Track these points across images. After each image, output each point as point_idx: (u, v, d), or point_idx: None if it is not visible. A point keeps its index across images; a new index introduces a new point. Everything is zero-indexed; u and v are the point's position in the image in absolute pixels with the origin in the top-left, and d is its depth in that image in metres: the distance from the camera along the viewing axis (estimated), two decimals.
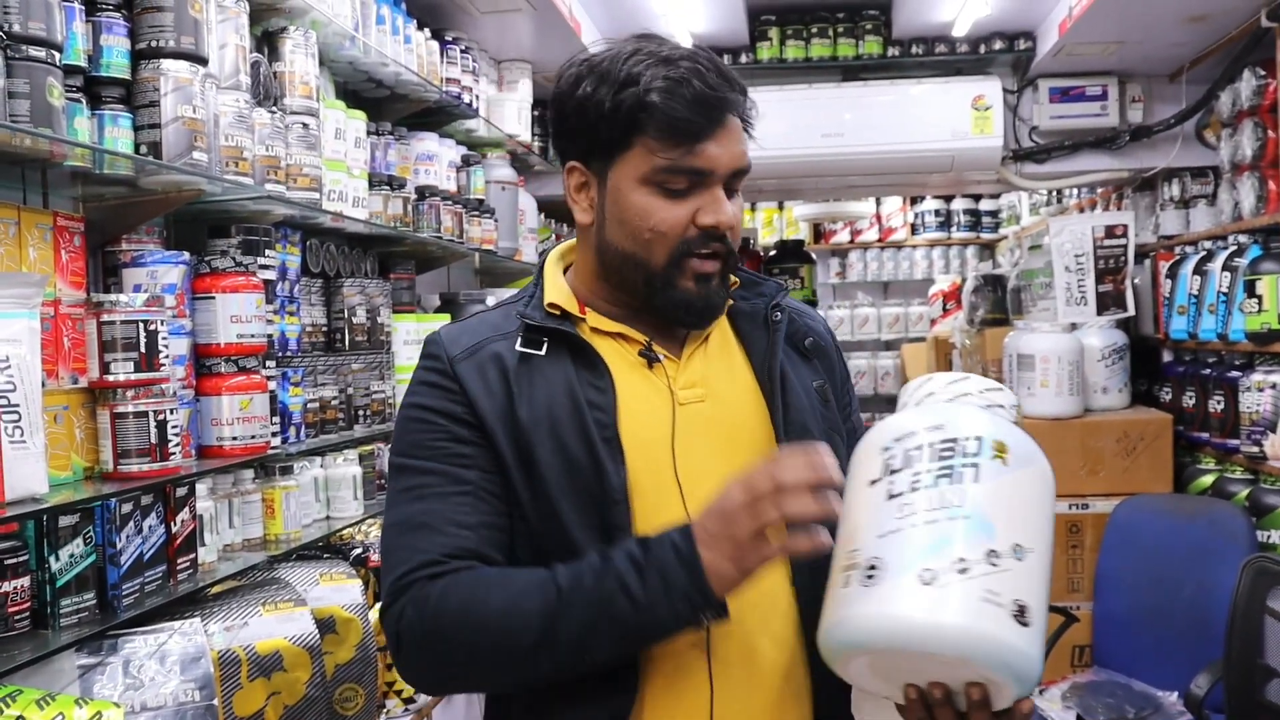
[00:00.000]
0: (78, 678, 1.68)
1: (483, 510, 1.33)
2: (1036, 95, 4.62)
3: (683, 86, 1.31)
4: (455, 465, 1.34)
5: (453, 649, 1.27)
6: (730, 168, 1.35)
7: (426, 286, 3.57)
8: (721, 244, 1.36)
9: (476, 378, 1.36)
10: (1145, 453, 4.20)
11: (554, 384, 1.36)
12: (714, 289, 1.38)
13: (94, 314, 1.83)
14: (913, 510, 1.18)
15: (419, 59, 3.11)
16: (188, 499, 2.01)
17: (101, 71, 1.84)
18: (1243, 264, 3.73)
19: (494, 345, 1.38)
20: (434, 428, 1.35)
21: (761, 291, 1.50)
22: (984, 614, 1.13)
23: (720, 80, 1.34)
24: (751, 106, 1.39)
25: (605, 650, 1.25)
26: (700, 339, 1.44)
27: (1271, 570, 2.71)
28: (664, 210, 1.35)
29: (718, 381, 1.42)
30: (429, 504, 1.32)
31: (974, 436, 1.21)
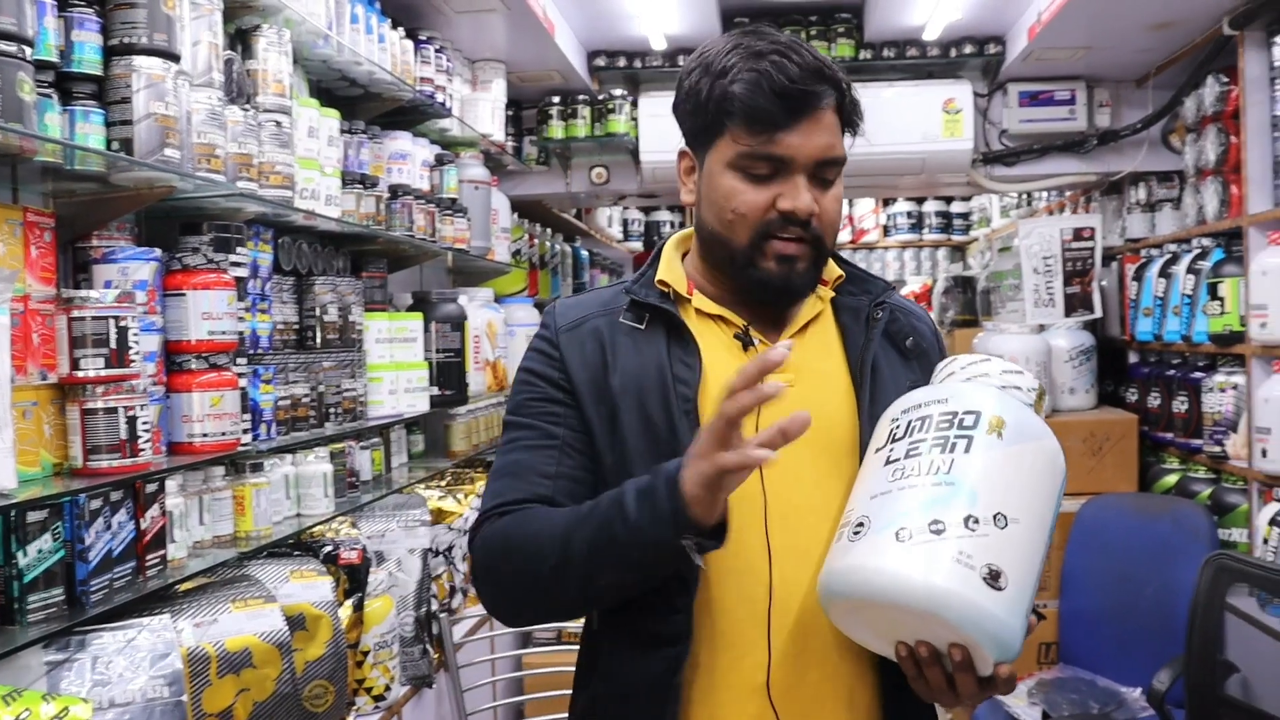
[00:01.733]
0: (45, 674, 1.67)
1: (565, 463, 1.44)
2: (1006, 99, 4.67)
3: (765, 79, 1.38)
4: (547, 422, 1.47)
5: (501, 574, 1.42)
6: (813, 158, 1.41)
7: (399, 285, 3.57)
8: (803, 229, 1.42)
9: (576, 349, 1.48)
10: (1111, 453, 4.25)
11: (646, 357, 1.45)
12: (797, 271, 1.44)
13: (64, 310, 1.83)
14: (904, 474, 1.25)
15: (393, 58, 3.11)
16: (157, 495, 2.01)
17: (73, 67, 1.83)
18: (1206, 267, 3.78)
19: (598, 320, 1.50)
20: (534, 389, 1.50)
21: (868, 289, 1.55)
22: (952, 573, 1.18)
23: (805, 74, 1.39)
24: (851, 100, 1.45)
25: (610, 573, 1.33)
26: (798, 326, 1.50)
27: (1231, 567, 2.76)
28: (746, 194, 1.42)
29: (809, 369, 1.47)
30: (519, 455, 1.46)
31: (972, 411, 1.28)
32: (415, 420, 3.49)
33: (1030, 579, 1.23)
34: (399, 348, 3.18)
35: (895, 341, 1.53)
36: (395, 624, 2.66)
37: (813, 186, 1.42)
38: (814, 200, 1.41)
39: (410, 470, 3.43)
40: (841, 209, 1.49)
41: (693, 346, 1.45)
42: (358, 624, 2.51)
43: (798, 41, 1.44)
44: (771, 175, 1.41)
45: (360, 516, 2.88)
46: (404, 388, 3.17)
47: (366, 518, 2.89)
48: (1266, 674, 3.11)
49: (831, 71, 1.42)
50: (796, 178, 1.41)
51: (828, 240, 1.46)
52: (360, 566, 2.50)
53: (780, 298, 1.47)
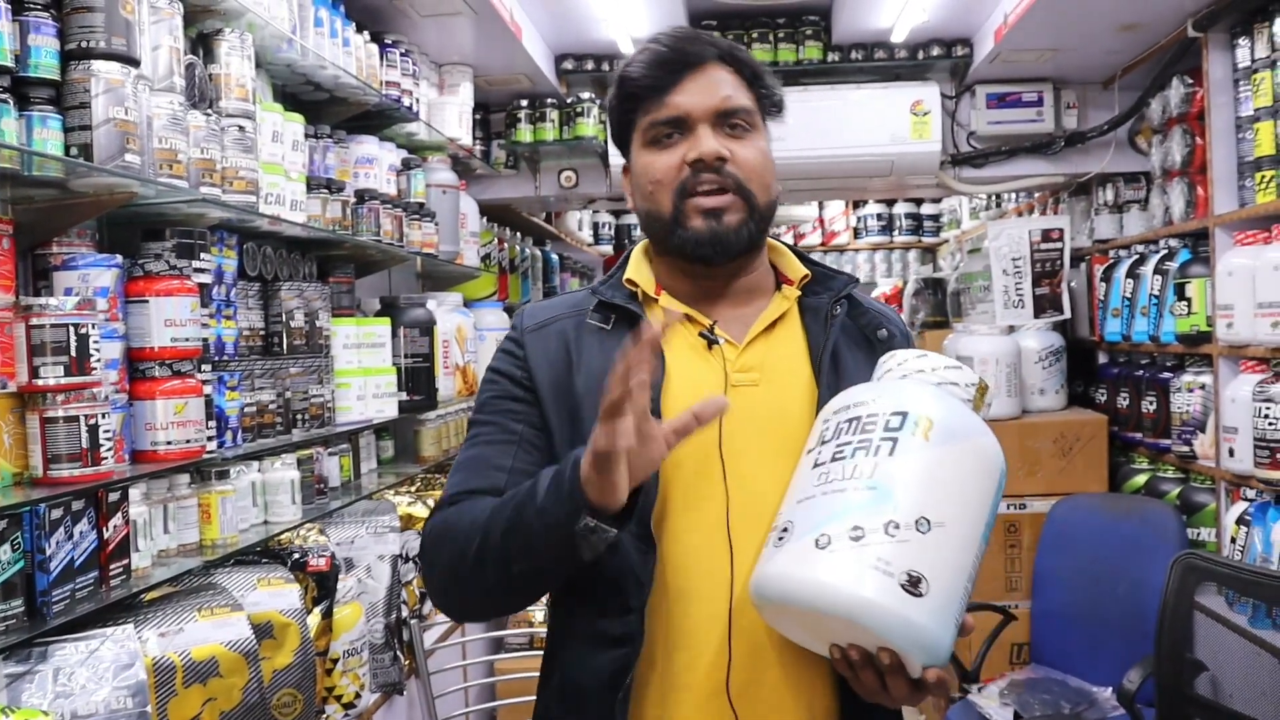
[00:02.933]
0: (5, 686, 1.65)
1: (521, 458, 1.47)
2: (974, 101, 4.69)
3: (645, 54, 1.49)
4: (507, 419, 1.50)
5: (435, 563, 1.45)
6: (708, 108, 1.47)
7: (367, 290, 3.55)
8: (716, 174, 1.45)
9: (540, 348, 1.52)
10: (1081, 453, 4.27)
11: (610, 356, 1.42)
12: (725, 224, 1.46)
13: (23, 317, 1.80)
14: (828, 479, 1.25)
15: (358, 62, 3.09)
16: (120, 504, 1.99)
17: (30, 72, 1.80)
18: (1173, 267, 3.81)
19: (565, 321, 1.54)
20: (497, 387, 1.54)
21: (830, 286, 1.57)
22: (868, 580, 1.18)
23: (685, 42, 1.49)
24: (743, 59, 1.52)
25: (522, 559, 1.33)
26: (764, 326, 1.51)
27: (1199, 567, 2.77)
28: (658, 161, 1.49)
29: (775, 368, 1.49)
30: (479, 449, 1.50)
31: (899, 412, 1.27)
32: (384, 426, 3.47)
33: (958, 582, 1.22)
34: (367, 353, 3.15)
35: (865, 335, 1.54)
36: (365, 631, 2.64)
37: (722, 136, 1.47)
38: (722, 145, 1.46)
39: (379, 476, 3.41)
40: (767, 161, 1.51)
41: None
42: (327, 631, 2.48)
43: (688, 27, 1.55)
44: (674, 138, 1.48)
45: (329, 523, 2.86)
46: (372, 393, 3.15)
47: (335, 524, 2.87)
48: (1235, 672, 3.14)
49: (716, 39, 1.51)
50: (698, 129, 1.47)
51: (754, 188, 1.47)
52: (329, 573, 2.47)
53: (715, 252, 1.47)
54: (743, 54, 1.53)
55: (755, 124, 1.51)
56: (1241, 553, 3.19)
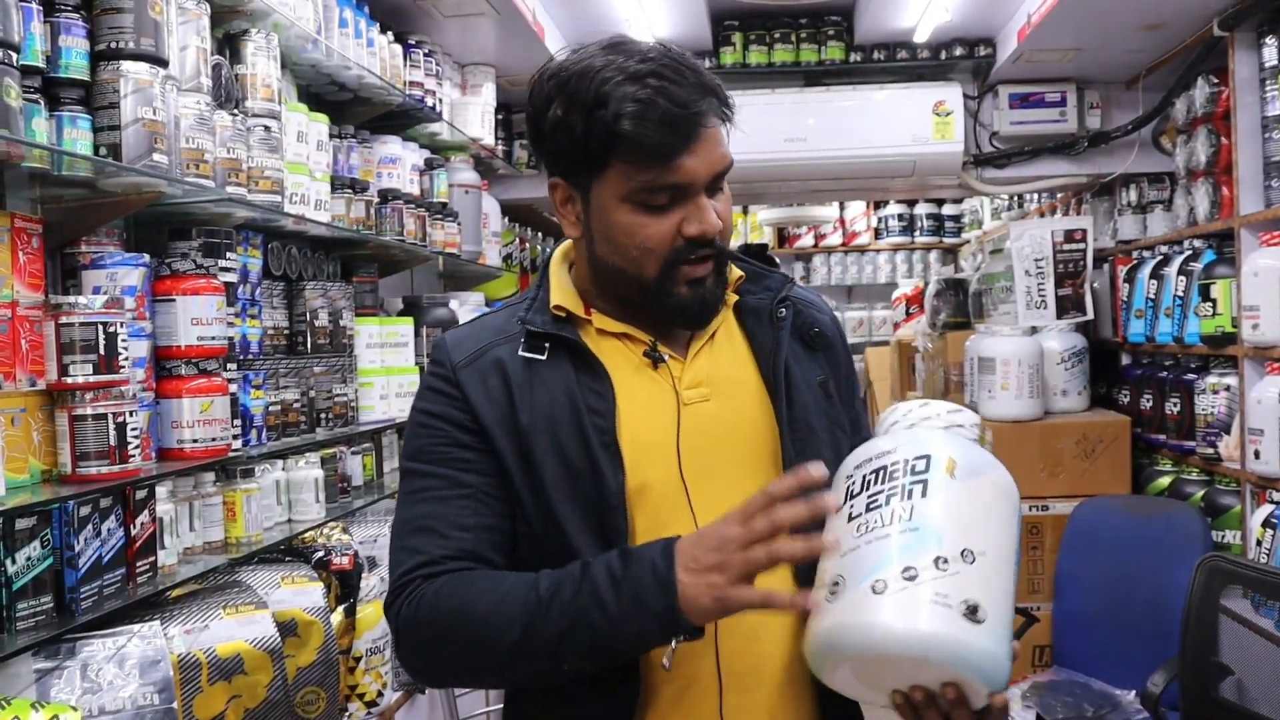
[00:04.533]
0: (34, 682, 1.66)
1: (483, 513, 1.36)
2: (997, 101, 4.68)
3: (651, 109, 1.29)
4: (457, 469, 1.37)
5: (444, 646, 1.32)
6: (710, 174, 1.35)
7: (389, 290, 3.57)
8: (710, 248, 1.36)
9: (478, 384, 1.38)
10: (1104, 455, 4.25)
11: (554, 389, 1.37)
12: (709, 290, 1.39)
13: (52, 316, 1.82)
14: (868, 529, 1.26)
15: (382, 62, 3.11)
16: (147, 502, 2.00)
17: (60, 73, 1.82)
18: (1197, 268, 3.79)
19: (496, 350, 1.40)
20: (437, 433, 1.38)
21: (768, 285, 1.49)
22: (933, 615, 1.20)
23: (690, 93, 1.31)
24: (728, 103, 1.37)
25: (579, 657, 1.25)
26: (706, 337, 1.44)
27: (1225, 569, 2.75)
28: (649, 226, 1.34)
29: (723, 380, 1.43)
30: (431, 506, 1.36)
31: (922, 455, 1.29)
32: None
33: (1006, 605, 1.25)
34: (390, 353, 3.17)
35: (800, 335, 1.49)
36: (387, 629, 2.65)
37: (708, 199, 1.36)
38: (716, 215, 1.36)
39: None
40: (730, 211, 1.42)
41: (601, 372, 1.37)
42: (350, 630, 2.50)
43: (670, 52, 1.36)
44: (670, 203, 1.34)
45: (352, 522, 2.87)
46: (395, 392, 3.16)
47: (358, 523, 2.88)
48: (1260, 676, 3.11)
49: (710, 78, 1.35)
50: (698, 199, 1.34)
51: (726, 243, 1.41)
52: (352, 572, 2.49)
53: (698, 321, 1.41)
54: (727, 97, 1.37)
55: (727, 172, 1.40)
56: (1267, 556, 3.16)
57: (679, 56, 1.36)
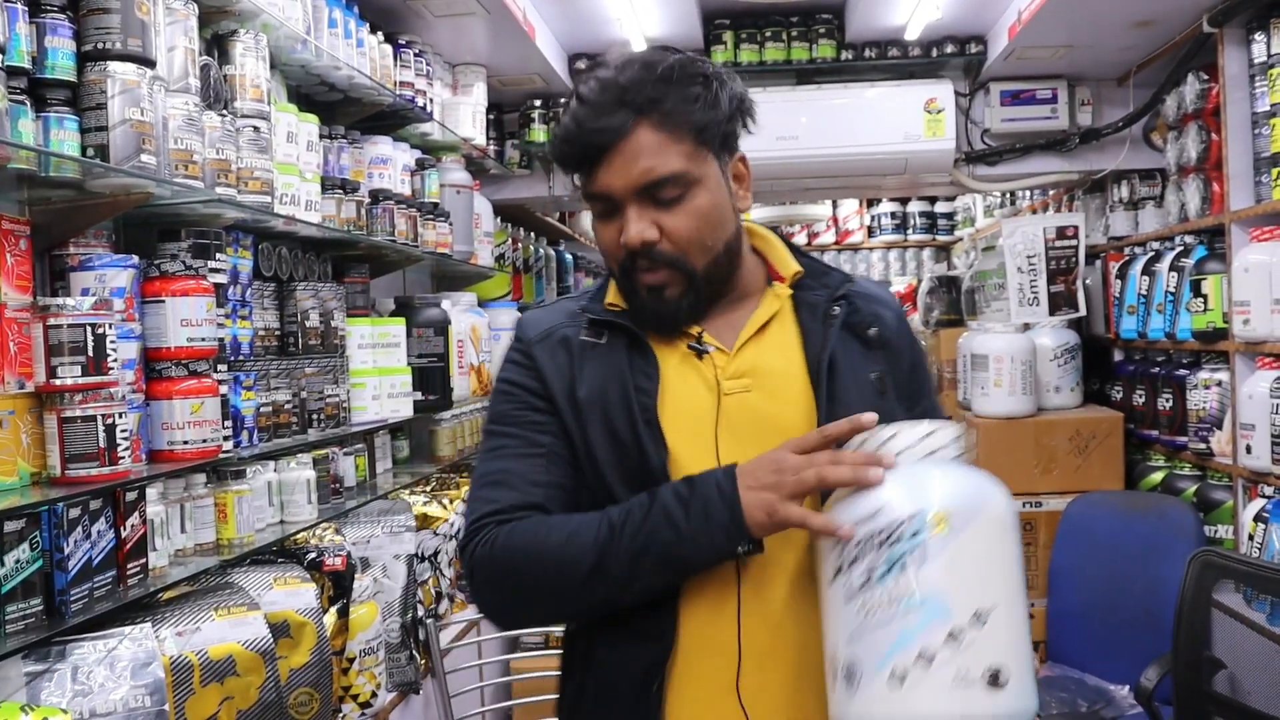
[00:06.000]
0: (25, 685, 1.66)
1: (553, 471, 1.48)
2: (988, 98, 4.68)
3: (563, 129, 1.44)
4: (532, 431, 1.50)
5: (518, 580, 1.43)
6: (631, 187, 1.42)
7: (381, 290, 3.56)
8: (647, 258, 1.43)
9: (548, 357, 1.52)
10: (1097, 451, 4.26)
11: (609, 369, 1.48)
12: (665, 298, 1.46)
13: (40, 318, 1.81)
14: (871, 609, 1.24)
15: (372, 62, 3.10)
16: (138, 504, 1.99)
17: (46, 73, 1.82)
18: (1189, 264, 3.80)
19: (564, 330, 1.53)
20: (515, 399, 1.52)
21: (826, 283, 1.54)
22: (954, 698, 1.20)
23: (597, 112, 1.40)
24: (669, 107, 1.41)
25: (651, 575, 1.37)
26: (754, 329, 1.50)
27: (1217, 564, 2.76)
28: (602, 231, 1.48)
29: (768, 372, 1.49)
30: (507, 463, 1.49)
31: (911, 516, 1.25)
32: (399, 426, 3.48)
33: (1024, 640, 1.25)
34: (382, 353, 3.16)
35: (857, 333, 1.52)
36: (381, 630, 2.65)
37: (651, 209, 1.43)
38: (649, 226, 1.42)
39: (395, 476, 3.42)
40: (707, 218, 1.45)
41: (651, 358, 1.48)
42: (343, 631, 2.49)
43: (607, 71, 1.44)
44: (610, 211, 1.45)
45: (344, 523, 2.86)
46: (387, 393, 3.15)
47: (351, 524, 2.87)
48: (1253, 670, 3.12)
49: (633, 94, 1.40)
50: (626, 209, 1.43)
51: (692, 258, 1.45)
52: (345, 573, 2.48)
53: (659, 327, 1.49)
54: (672, 101, 1.41)
55: (690, 182, 1.43)
56: (1259, 550, 3.17)
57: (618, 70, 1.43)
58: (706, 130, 1.44)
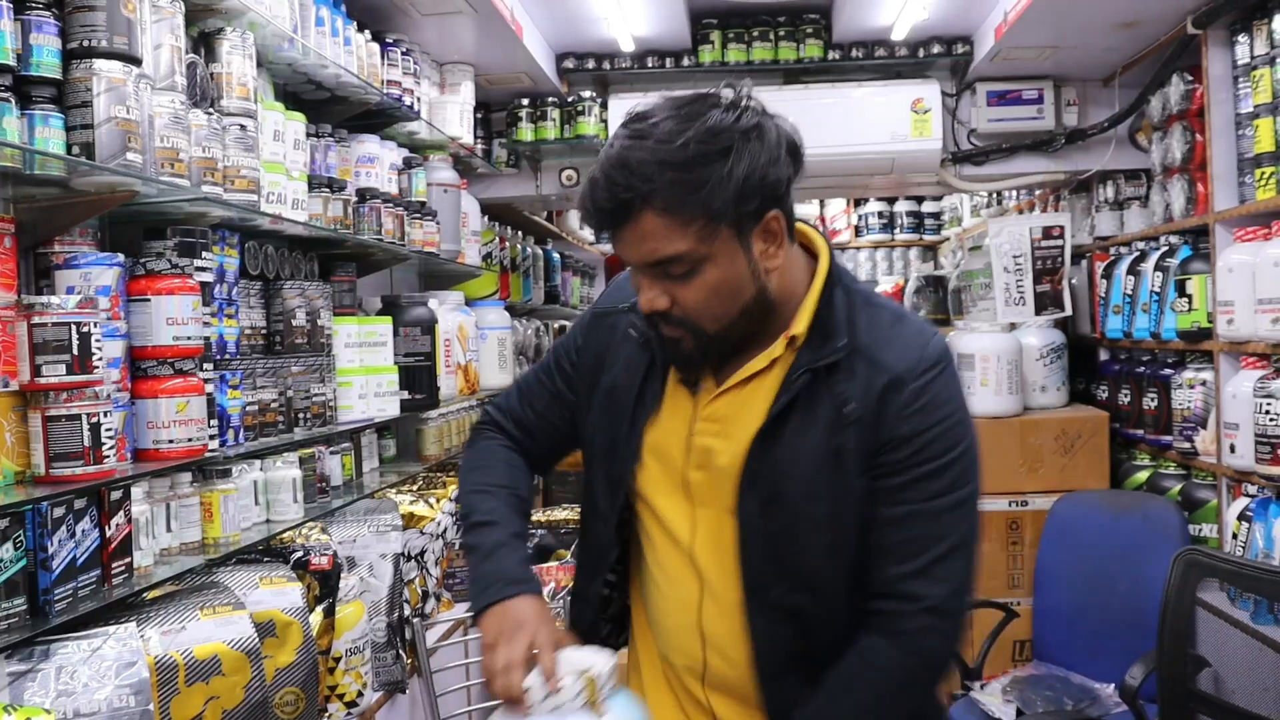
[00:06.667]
0: (8, 685, 1.65)
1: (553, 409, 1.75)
2: (974, 98, 4.69)
3: (584, 195, 1.49)
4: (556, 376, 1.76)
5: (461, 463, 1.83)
6: (640, 261, 1.49)
7: (368, 289, 3.55)
8: (663, 319, 1.51)
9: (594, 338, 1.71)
10: (1083, 450, 4.27)
11: (632, 373, 1.63)
12: (682, 349, 1.54)
13: (25, 316, 1.80)
14: None
15: (359, 61, 3.09)
16: (123, 502, 1.99)
17: (31, 71, 1.81)
18: (1174, 264, 3.81)
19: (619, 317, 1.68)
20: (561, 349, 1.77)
21: (824, 347, 1.52)
22: None
23: (608, 192, 1.44)
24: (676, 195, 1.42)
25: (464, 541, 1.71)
26: (739, 379, 1.55)
27: (1201, 563, 2.77)
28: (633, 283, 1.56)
29: (733, 421, 1.55)
30: (537, 382, 1.78)
31: None
32: (386, 425, 3.47)
33: None
34: (369, 352, 3.16)
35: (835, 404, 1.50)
36: (367, 629, 2.64)
37: (663, 280, 1.48)
38: (661, 294, 1.49)
39: (381, 475, 3.41)
40: (717, 291, 1.48)
41: (661, 380, 1.61)
42: (329, 630, 2.49)
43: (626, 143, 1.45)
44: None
45: (331, 522, 2.86)
46: (374, 392, 3.15)
47: (337, 523, 2.87)
48: (1237, 668, 3.14)
49: (640, 181, 1.42)
50: (641, 276, 1.51)
51: (704, 325, 1.50)
52: (331, 572, 2.47)
53: (682, 371, 1.60)
54: (679, 190, 1.41)
55: (698, 259, 1.45)
56: (1243, 549, 3.19)
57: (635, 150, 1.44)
58: (718, 211, 1.44)
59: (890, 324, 1.55)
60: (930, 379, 1.50)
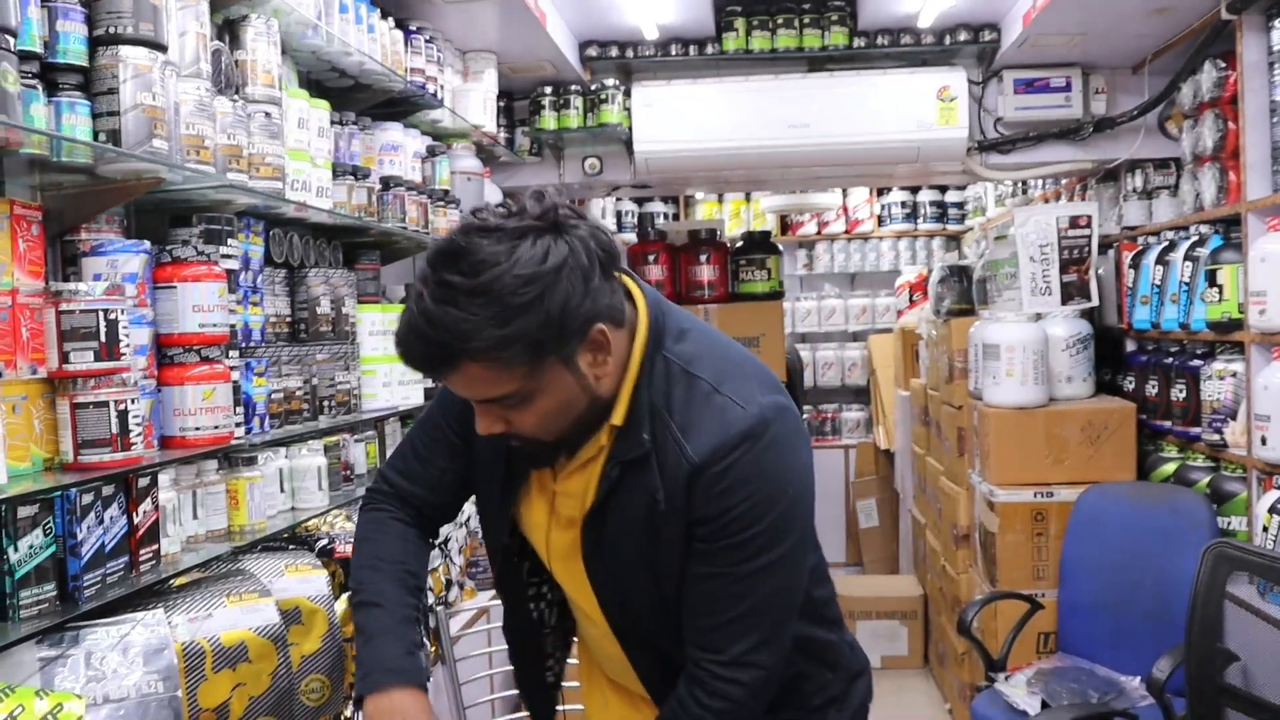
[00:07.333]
0: (39, 670, 1.66)
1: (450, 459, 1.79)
2: (1001, 86, 4.65)
3: (401, 340, 1.50)
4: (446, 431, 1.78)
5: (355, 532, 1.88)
6: (473, 399, 1.54)
7: (392, 277, 3.55)
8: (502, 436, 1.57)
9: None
10: (1109, 441, 4.23)
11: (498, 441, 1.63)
12: (527, 453, 1.64)
13: (52, 303, 1.81)
14: None
15: (383, 48, 3.09)
16: (150, 490, 1.99)
17: (58, 58, 1.81)
18: (1204, 254, 3.77)
19: None
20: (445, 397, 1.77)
21: (633, 440, 1.58)
22: None
23: (427, 349, 1.46)
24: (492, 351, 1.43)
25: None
26: (578, 464, 1.64)
27: (1231, 556, 2.74)
28: None
29: (578, 497, 1.65)
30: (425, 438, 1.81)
31: None
32: (410, 413, 3.47)
33: None
34: (392, 340, 3.15)
35: (649, 493, 1.57)
36: None
37: (496, 408, 1.52)
38: (495, 421, 1.54)
39: None
40: (549, 414, 1.53)
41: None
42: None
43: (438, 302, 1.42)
44: None
45: (355, 510, 2.85)
46: (398, 380, 3.15)
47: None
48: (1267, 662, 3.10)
49: (455, 340, 1.41)
50: (474, 404, 1.56)
51: (542, 438, 1.58)
52: None
53: (529, 465, 1.69)
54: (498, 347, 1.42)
55: (528, 393, 1.49)
56: (1274, 542, 3.15)
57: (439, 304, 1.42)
58: (542, 352, 1.45)
59: (703, 402, 1.55)
60: (732, 461, 1.52)
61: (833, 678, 1.79)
